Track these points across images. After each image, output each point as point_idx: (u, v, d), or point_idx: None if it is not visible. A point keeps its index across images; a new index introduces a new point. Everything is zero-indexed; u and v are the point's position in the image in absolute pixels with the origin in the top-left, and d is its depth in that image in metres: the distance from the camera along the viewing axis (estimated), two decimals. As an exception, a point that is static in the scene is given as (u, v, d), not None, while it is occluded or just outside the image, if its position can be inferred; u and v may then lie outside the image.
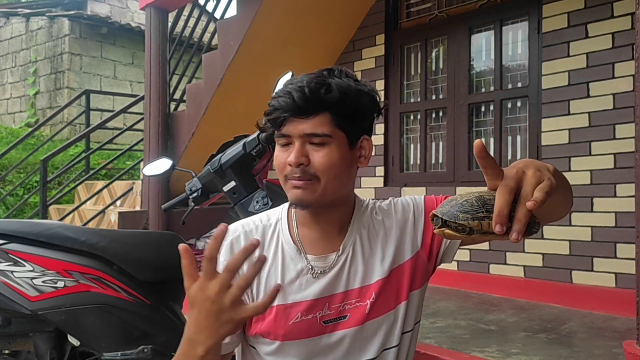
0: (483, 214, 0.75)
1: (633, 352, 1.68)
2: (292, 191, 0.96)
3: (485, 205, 0.75)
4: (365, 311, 0.99)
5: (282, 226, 1.04)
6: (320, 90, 0.93)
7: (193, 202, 1.80)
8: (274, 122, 0.95)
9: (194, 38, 4.99)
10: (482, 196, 0.77)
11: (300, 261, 1.00)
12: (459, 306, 2.88)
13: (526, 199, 0.72)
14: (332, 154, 0.94)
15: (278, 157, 0.97)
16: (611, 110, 2.74)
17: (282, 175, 0.98)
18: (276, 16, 3.48)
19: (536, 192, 0.72)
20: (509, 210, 0.72)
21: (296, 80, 0.97)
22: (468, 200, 0.77)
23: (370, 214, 1.06)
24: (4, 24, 8.97)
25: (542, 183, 0.73)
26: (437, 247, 1.04)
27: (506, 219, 0.72)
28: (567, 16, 2.92)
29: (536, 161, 0.79)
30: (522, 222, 0.72)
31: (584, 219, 2.79)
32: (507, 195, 0.72)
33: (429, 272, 1.06)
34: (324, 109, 0.93)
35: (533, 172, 0.74)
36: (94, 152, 5.71)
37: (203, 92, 3.79)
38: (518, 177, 0.74)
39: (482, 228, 0.75)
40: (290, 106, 0.93)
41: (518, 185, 0.73)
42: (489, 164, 0.74)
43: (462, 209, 0.77)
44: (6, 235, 1.51)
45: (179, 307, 1.69)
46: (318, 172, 0.94)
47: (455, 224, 0.77)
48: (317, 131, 0.93)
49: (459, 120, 3.47)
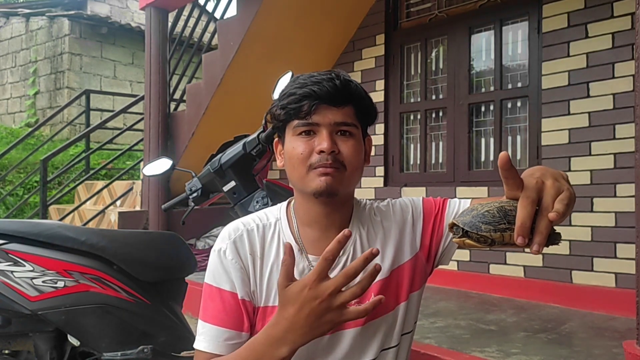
0: (505, 226, 0.75)
1: (633, 352, 1.68)
2: (320, 179, 0.94)
3: (507, 217, 0.75)
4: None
5: (282, 225, 1.03)
6: (350, 84, 0.97)
7: (193, 202, 1.80)
8: (297, 111, 0.95)
9: (194, 38, 5.00)
10: (503, 207, 0.77)
11: (301, 261, 1.00)
12: (459, 306, 2.88)
13: (547, 210, 0.72)
14: (357, 145, 0.98)
15: (298, 146, 0.95)
16: (611, 110, 2.74)
17: (304, 165, 0.95)
18: (276, 16, 3.48)
19: (557, 203, 0.72)
20: (532, 223, 0.72)
21: (306, 76, 0.97)
22: (490, 211, 0.77)
23: (369, 215, 1.06)
24: (4, 24, 8.97)
25: (562, 194, 0.73)
26: (435, 248, 1.04)
27: (528, 231, 0.72)
28: (567, 16, 2.92)
29: (550, 169, 0.79)
30: (543, 234, 0.72)
31: (584, 219, 2.79)
32: (529, 207, 0.72)
33: (427, 273, 1.06)
34: (350, 101, 0.97)
35: (552, 183, 0.75)
36: (94, 152, 5.71)
37: (203, 92, 3.79)
38: (539, 188, 0.74)
39: (504, 239, 0.75)
40: (324, 94, 0.94)
41: (539, 196, 0.73)
42: (511, 175, 0.74)
43: (484, 220, 0.76)
44: (6, 235, 1.51)
45: (179, 307, 1.69)
46: (346, 162, 0.95)
47: (477, 235, 0.77)
48: (348, 120, 0.96)
49: (459, 120, 3.47)
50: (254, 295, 0.99)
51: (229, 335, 0.96)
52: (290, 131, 0.98)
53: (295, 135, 0.97)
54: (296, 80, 0.98)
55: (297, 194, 1.03)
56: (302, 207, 1.02)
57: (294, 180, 0.99)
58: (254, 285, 0.99)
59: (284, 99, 0.97)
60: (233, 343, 0.97)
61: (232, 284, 0.98)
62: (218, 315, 0.97)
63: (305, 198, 1.00)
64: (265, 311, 0.98)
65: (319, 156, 0.94)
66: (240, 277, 0.98)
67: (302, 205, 1.02)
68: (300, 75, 0.99)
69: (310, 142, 0.95)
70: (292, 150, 0.97)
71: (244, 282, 0.98)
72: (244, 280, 0.98)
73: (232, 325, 0.97)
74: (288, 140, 0.99)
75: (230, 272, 0.98)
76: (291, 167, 0.98)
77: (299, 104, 0.95)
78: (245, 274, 0.98)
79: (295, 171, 0.97)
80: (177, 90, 4.38)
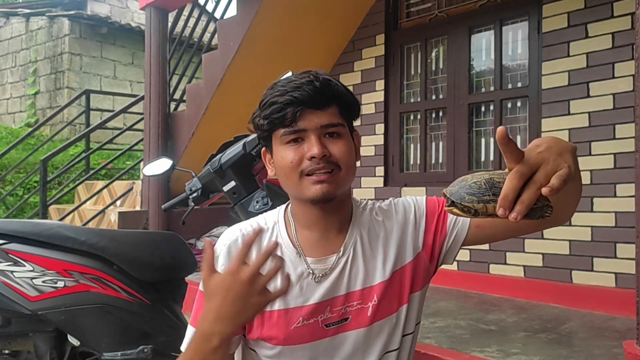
0: (489, 197, 0.76)
1: (633, 352, 1.68)
2: (315, 187, 0.93)
3: (492, 188, 0.76)
4: (367, 313, 0.98)
5: (280, 229, 1.03)
6: (330, 83, 0.96)
7: (193, 202, 1.80)
8: (282, 120, 0.93)
9: (194, 38, 5.00)
10: (492, 178, 0.78)
11: (300, 264, 0.99)
12: (459, 306, 2.87)
13: (536, 183, 0.72)
14: (347, 143, 0.97)
15: (287, 156, 0.94)
16: (611, 110, 2.74)
17: (295, 173, 0.94)
18: (276, 16, 3.48)
19: (554, 178, 0.72)
20: (515, 196, 0.72)
21: (284, 82, 0.95)
22: (477, 182, 0.78)
23: (370, 215, 1.05)
24: (4, 24, 8.97)
25: (561, 171, 0.73)
26: (439, 247, 1.03)
27: (510, 204, 0.72)
28: (567, 16, 2.92)
29: (561, 142, 0.78)
30: (524, 204, 0.71)
31: (584, 219, 2.79)
32: (515, 181, 0.72)
33: (430, 273, 1.06)
34: (334, 101, 0.96)
35: (553, 158, 0.74)
36: (94, 152, 5.71)
37: (203, 92, 3.79)
38: (536, 162, 0.73)
39: (487, 210, 0.76)
40: (306, 99, 0.92)
41: (532, 172, 0.73)
42: (509, 149, 0.74)
43: (470, 191, 0.78)
44: (6, 235, 1.51)
45: (179, 307, 1.69)
46: (340, 162, 0.95)
47: (461, 205, 0.79)
48: (334, 121, 0.95)
49: (459, 120, 3.47)
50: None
51: None
52: (277, 140, 0.96)
53: (283, 144, 0.95)
54: (275, 88, 0.96)
55: (293, 199, 1.02)
56: (300, 211, 1.01)
57: (289, 189, 0.99)
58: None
59: (265, 109, 0.95)
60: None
61: None
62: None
63: (302, 203, 0.99)
64: (262, 316, 0.98)
65: (310, 162, 0.93)
66: None
67: (300, 210, 1.01)
68: (278, 82, 0.97)
69: (300, 149, 0.94)
70: (282, 160, 0.95)
71: None
72: None
73: None
74: (276, 150, 0.97)
75: None
76: (284, 177, 0.97)
77: (283, 112, 0.93)
78: None
79: (288, 180, 0.96)
80: (177, 90, 4.38)
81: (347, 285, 0.99)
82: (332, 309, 0.98)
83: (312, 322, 0.97)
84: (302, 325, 0.96)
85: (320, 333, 0.97)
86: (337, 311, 0.98)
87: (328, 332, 0.98)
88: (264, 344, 0.99)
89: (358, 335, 0.98)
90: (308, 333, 0.97)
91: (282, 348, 0.97)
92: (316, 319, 0.97)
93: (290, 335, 0.96)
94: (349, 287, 0.99)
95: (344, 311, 0.98)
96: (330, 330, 0.98)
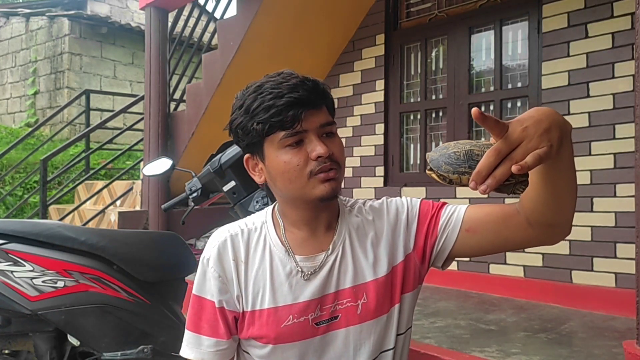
0: (464, 169, 0.78)
1: (633, 352, 1.68)
2: (324, 185, 0.93)
3: (469, 161, 0.78)
4: (357, 312, 0.98)
5: (268, 229, 1.03)
6: (318, 82, 0.97)
7: (193, 202, 1.80)
8: (282, 122, 0.91)
9: (194, 38, 5.00)
10: (471, 150, 0.79)
11: (288, 262, 0.99)
12: (459, 306, 2.87)
13: (511, 160, 0.72)
14: (340, 141, 0.99)
15: (292, 159, 0.92)
16: (611, 110, 2.74)
17: (302, 176, 0.93)
18: (276, 16, 3.48)
19: (529, 156, 0.71)
20: (488, 173, 0.72)
21: (273, 85, 0.93)
22: (457, 153, 0.79)
23: (360, 213, 1.05)
24: (4, 24, 8.97)
25: (540, 150, 0.72)
26: (430, 249, 1.03)
27: (483, 179, 0.72)
28: (567, 16, 2.92)
29: (553, 116, 0.76)
30: (496, 179, 0.72)
31: (584, 219, 2.79)
32: (491, 159, 0.72)
33: (422, 275, 1.05)
34: (324, 100, 0.97)
35: (539, 135, 0.73)
36: (94, 152, 5.70)
37: (203, 92, 3.79)
38: (515, 139, 0.73)
39: (462, 181, 0.78)
40: (306, 99, 0.92)
41: (511, 148, 0.73)
42: (489, 125, 0.73)
43: (447, 161, 0.79)
44: (6, 235, 1.51)
45: (179, 307, 1.69)
46: (339, 161, 0.96)
47: (437, 173, 0.81)
48: (329, 120, 0.97)
49: (459, 120, 3.47)
50: (239, 300, 0.99)
51: (208, 342, 0.98)
52: (272, 145, 0.94)
53: (282, 147, 0.93)
54: (261, 92, 0.94)
55: (286, 200, 1.01)
56: (292, 211, 1.01)
57: (292, 191, 0.96)
58: (239, 290, 0.98)
59: (259, 113, 0.92)
60: (215, 350, 0.98)
61: (211, 292, 0.99)
62: (196, 322, 1.00)
63: (296, 203, 0.99)
64: (253, 315, 0.98)
65: (317, 162, 0.92)
66: (217, 286, 0.98)
67: (292, 210, 1.01)
68: (262, 86, 0.95)
69: (302, 151, 0.93)
70: (285, 164, 0.93)
71: (221, 290, 0.98)
72: (222, 288, 0.98)
73: (208, 332, 0.98)
74: (274, 155, 0.94)
75: (210, 280, 0.99)
76: (286, 181, 0.94)
77: (283, 115, 0.91)
78: (225, 281, 0.99)
79: (293, 183, 0.94)
80: (177, 90, 4.38)
81: (336, 283, 0.99)
82: (322, 307, 0.98)
83: (303, 321, 0.97)
84: (292, 324, 0.96)
85: (311, 331, 0.97)
86: (327, 309, 0.98)
87: (318, 330, 0.98)
88: (255, 344, 0.99)
89: (347, 334, 0.98)
90: (299, 331, 0.97)
91: (273, 347, 0.97)
92: (306, 317, 0.97)
93: (280, 334, 0.96)
94: (338, 285, 0.99)
95: (333, 309, 0.98)
96: (321, 328, 0.98)
